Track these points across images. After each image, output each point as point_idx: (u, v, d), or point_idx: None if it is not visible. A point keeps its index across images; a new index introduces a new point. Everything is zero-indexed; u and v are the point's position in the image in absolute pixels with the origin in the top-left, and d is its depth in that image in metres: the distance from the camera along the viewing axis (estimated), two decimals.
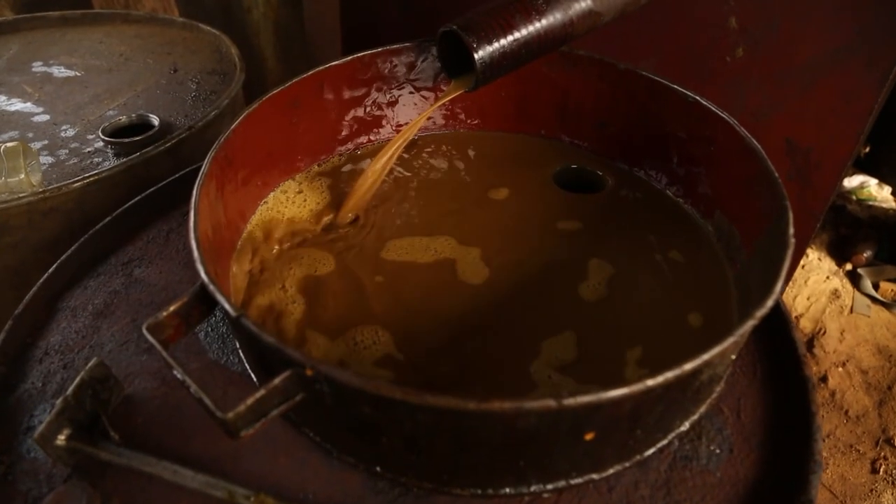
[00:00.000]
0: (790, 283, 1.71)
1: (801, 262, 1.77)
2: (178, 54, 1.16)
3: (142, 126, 0.95)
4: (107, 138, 0.89)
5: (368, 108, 0.77)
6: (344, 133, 0.77)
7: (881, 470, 1.40)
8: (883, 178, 2.09)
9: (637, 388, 0.38)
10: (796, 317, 1.65)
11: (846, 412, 1.50)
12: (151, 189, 0.76)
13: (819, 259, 1.80)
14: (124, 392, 0.56)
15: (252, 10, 1.72)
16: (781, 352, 0.58)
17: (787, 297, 1.68)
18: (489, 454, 0.43)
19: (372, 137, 0.79)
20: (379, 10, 1.55)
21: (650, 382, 0.38)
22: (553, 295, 0.60)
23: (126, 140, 0.88)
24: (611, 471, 0.47)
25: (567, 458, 0.44)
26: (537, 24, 0.66)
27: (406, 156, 0.77)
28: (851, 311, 1.67)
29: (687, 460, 0.50)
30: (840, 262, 1.79)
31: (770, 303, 0.44)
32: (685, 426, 0.50)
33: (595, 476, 0.47)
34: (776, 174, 0.56)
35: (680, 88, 0.68)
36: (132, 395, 0.56)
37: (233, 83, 1.01)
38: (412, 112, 0.78)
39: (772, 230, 0.54)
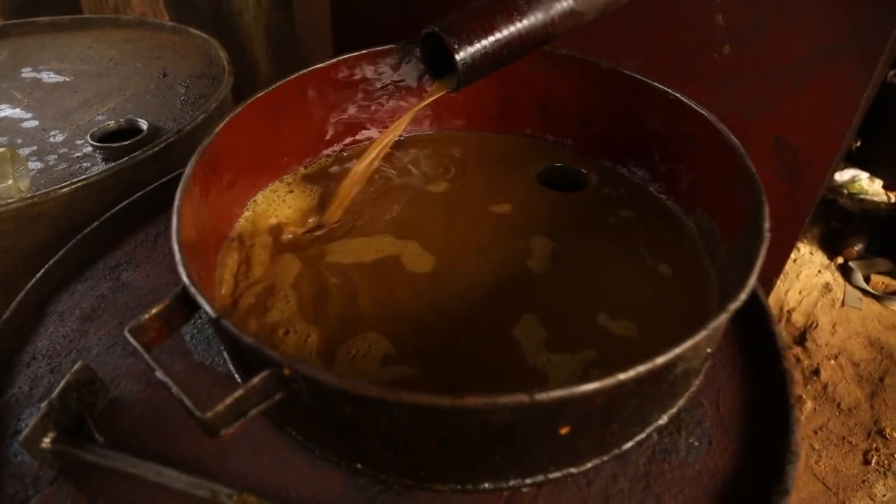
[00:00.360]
0: (782, 278, 1.72)
1: (793, 257, 1.78)
2: (167, 58, 1.17)
3: (131, 131, 0.95)
4: (95, 143, 0.90)
5: (353, 110, 0.78)
6: (330, 135, 0.78)
7: (873, 461, 1.41)
8: (874, 172, 2.10)
9: (609, 383, 0.39)
10: (788, 311, 1.66)
11: (838, 404, 1.51)
12: (139, 194, 0.77)
13: (811, 253, 1.81)
14: (111, 395, 0.56)
15: (243, 14, 1.72)
16: (761, 345, 0.59)
17: (780, 292, 1.69)
18: (467, 450, 0.43)
19: (358, 138, 0.79)
20: (371, 13, 1.55)
21: (622, 376, 0.39)
22: (538, 288, 0.61)
23: (114, 145, 0.89)
24: (589, 465, 0.48)
25: (544, 453, 0.45)
26: (518, 25, 0.67)
27: (394, 156, 0.78)
28: (843, 304, 1.68)
29: (666, 453, 0.51)
30: (831, 256, 1.79)
31: (743, 296, 0.45)
32: (663, 420, 0.51)
33: (573, 470, 0.47)
34: (754, 170, 0.57)
35: (661, 86, 0.69)
36: (118, 398, 0.56)
37: (221, 87, 1.02)
38: (397, 113, 0.79)
39: (750, 225, 0.54)
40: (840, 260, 1.77)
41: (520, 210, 0.69)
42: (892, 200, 1.97)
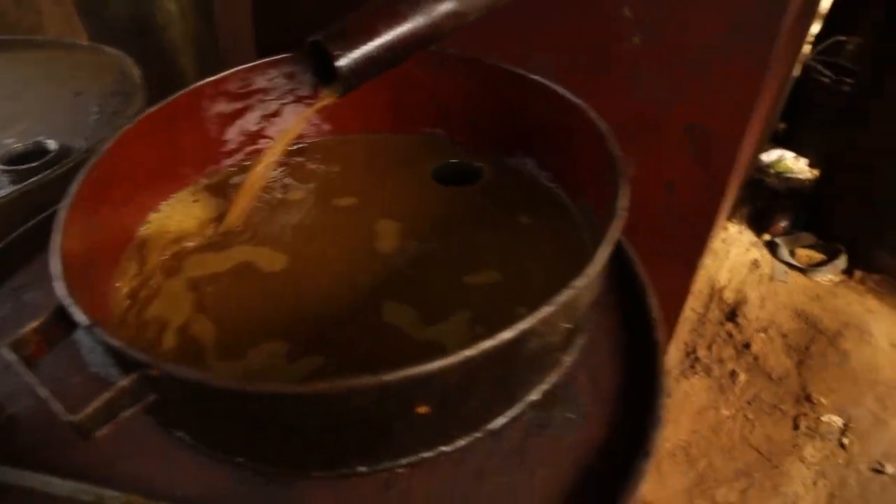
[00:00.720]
0: (713, 257, 1.78)
1: (722, 237, 1.84)
2: (81, 78, 1.16)
3: (40, 152, 0.95)
4: (2, 166, 0.90)
5: (253, 120, 0.80)
6: (231, 145, 0.80)
7: (802, 426, 1.47)
8: (799, 152, 2.19)
9: (454, 360, 0.41)
10: (719, 289, 1.73)
11: (769, 375, 1.57)
12: (43, 214, 0.77)
13: (739, 232, 1.88)
14: (7, 412, 0.57)
15: (169, 28, 1.72)
16: (638, 318, 0.63)
17: (710, 271, 1.75)
18: (334, 435, 0.46)
19: (259, 148, 0.81)
20: (291, 25, 1.56)
21: (468, 353, 0.42)
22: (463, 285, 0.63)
23: (21, 167, 0.89)
24: (462, 442, 0.51)
25: (411, 433, 0.47)
26: (400, 29, 0.69)
27: (294, 162, 0.80)
28: (771, 278, 1.75)
29: (540, 428, 0.53)
30: (759, 234, 1.87)
31: (591, 271, 0.48)
32: (536, 395, 0.54)
33: (445, 448, 0.50)
34: (616, 153, 0.60)
35: (540, 79, 0.72)
36: (16, 415, 0.57)
37: (134, 104, 1.03)
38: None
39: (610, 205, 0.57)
40: (767, 237, 1.85)
41: (409, 208, 0.72)
42: (815, 176, 2.05)
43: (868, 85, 1.67)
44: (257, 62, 0.76)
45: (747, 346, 1.62)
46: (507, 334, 0.43)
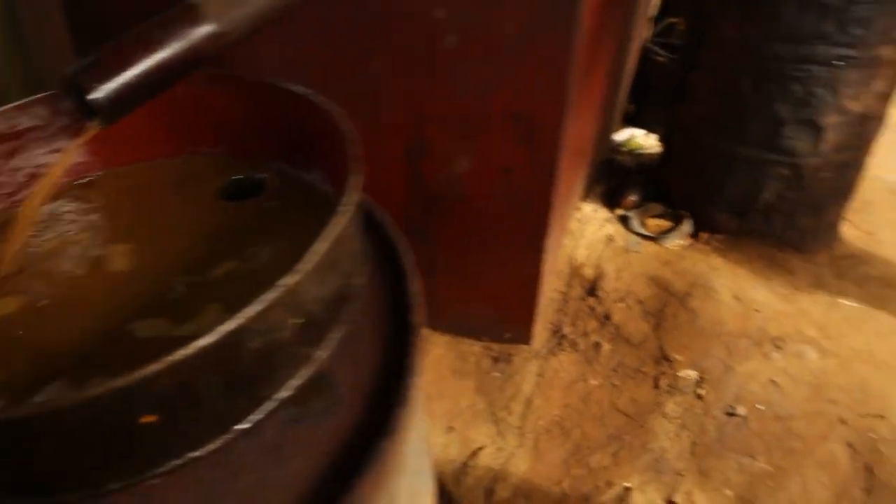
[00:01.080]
0: (570, 237, 1.87)
1: (578, 217, 1.94)
2: None
3: None
4: None
5: (33, 158, 0.79)
6: (11, 186, 0.79)
7: (662, 384, 1.57)
8: (648, 129, 2.33)
9: (153, 369, 0.43)
10: (578, 266, 1.82)
11: (629, 341, 1.67)
12: None
13: (594, 210, 1.98)
14: None
15: None
16: (402, 303, 0.67)
17: (569, 250, 1.84)
18: (67, 456, 0.47)
19: None
20: (109, 27, 1.54)
21: (173, 357, 0.44)
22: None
23: None
24: (212, 446, 0.52)
25: (151, 443, 0.49)
26: (157, 56, 0.71)
27: (76, 194, 0.80)
28: (626, 250, 1.85)
29: (296, 422, 0.56)
30: (613, 210, 1.97)
31: (304, 266, 0.51)
32: (288, 392, 0.57)
33: (195, 454, 0.51)
34: (352, 153, 0.64)
35: (293, 88, 0.74)
36: None
37: None
38: (78, 157, 0.81)
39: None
40: (620, 211, 1.96)
41: (183, 229, 0.73)
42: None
43: (688, 62, 1.80)
44: (22, 101, 0.76)
45: (608, 317, 1.71)
46: (207, 339, 0.45)
